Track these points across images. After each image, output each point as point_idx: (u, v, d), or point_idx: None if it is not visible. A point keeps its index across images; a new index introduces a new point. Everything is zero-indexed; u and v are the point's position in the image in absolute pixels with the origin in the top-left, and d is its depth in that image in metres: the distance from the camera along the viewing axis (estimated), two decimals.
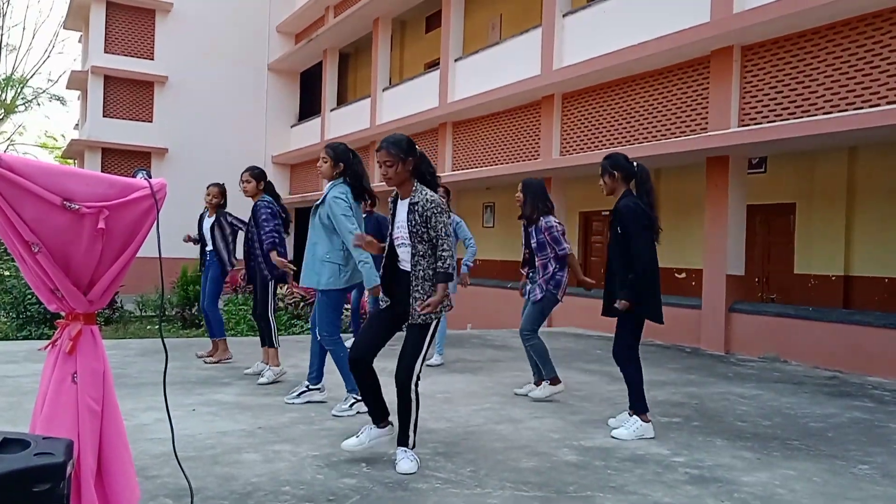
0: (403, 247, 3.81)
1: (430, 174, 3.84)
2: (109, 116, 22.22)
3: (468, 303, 14.32)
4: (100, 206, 2.10)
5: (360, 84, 23.14)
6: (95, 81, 22.06)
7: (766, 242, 11.28)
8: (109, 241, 2.17)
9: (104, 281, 2.21)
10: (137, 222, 2.20)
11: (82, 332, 2.22)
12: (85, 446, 2.13)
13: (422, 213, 3.69)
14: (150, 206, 2.19)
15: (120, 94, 22.43)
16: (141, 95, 22.61)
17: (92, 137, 21.83)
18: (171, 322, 13.78)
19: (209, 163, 22.15)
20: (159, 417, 4.56)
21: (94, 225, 2.11)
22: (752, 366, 8.22)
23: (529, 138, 13.21)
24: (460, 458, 3.98)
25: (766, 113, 8.82)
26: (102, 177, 2.15)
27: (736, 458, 4.18)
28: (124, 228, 2.19)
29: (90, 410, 2.18)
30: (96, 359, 2.23)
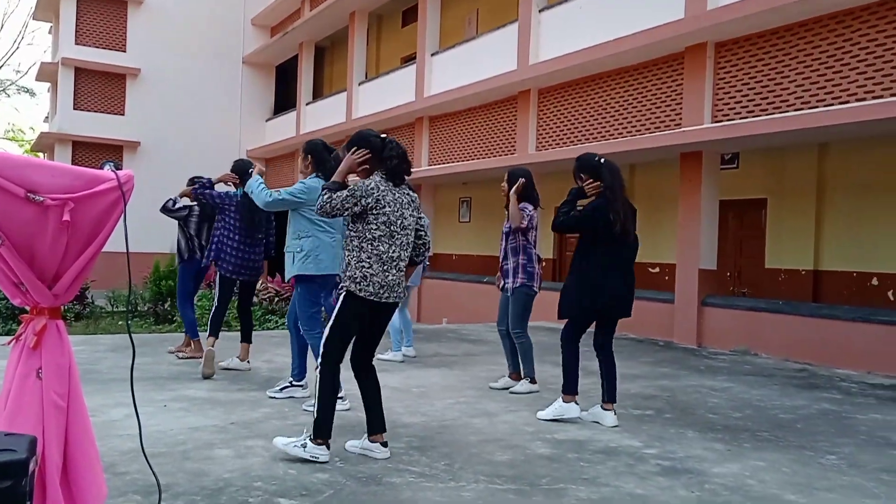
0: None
1: (388, 158, 3.77)
2: (80, 109, 21.86)
3: (444, 297, 14.33)
4: (65, 198, 2.06)
5: (336, 78, 22.99)
6: (66, 73, 21.68)
7: (737, 237, 11.42)
8: (75, 233, 2.12)
9: (70, 275, 2.17)
10: (104, 215, 2.15)
11: (47, 327, 2.17)
12: (50, 443, 2.09)
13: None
14: (117, 198, 2.15)
15: (91, 86, 22.06)
16: (113, 88, 22.26)
17: (62, 130, 21.46)
18: (144, 318, 13.60)
19: (182, 157, 21.90)
20: (129, 413, 4.49)
21: (58, 217, 2.07)
22: (724, 359, 8.32)
23: (506, 133, 13.22)
24: (435, 451, 3.98)
25: (738, 109, 8.91)
26: (68, 168, 2.11)
27: (707, 450, 4.22)
28: (90, 221, 2.14)
29: (55, 406, 2.14)
30: (62, 354, 2.19)
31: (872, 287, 9.70)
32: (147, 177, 20.77)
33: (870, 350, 7.63)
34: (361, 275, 3.65)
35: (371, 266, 3.66)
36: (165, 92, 22.50)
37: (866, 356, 7.64)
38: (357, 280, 3.65)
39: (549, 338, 9.66)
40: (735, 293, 11.18)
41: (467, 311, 13.59)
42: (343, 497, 3.19)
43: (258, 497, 3.15)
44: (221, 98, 23.49)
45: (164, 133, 22.33)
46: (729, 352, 8.94)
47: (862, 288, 9.79)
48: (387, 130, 17.13)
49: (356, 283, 3.65)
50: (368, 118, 16.85)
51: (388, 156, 3.78)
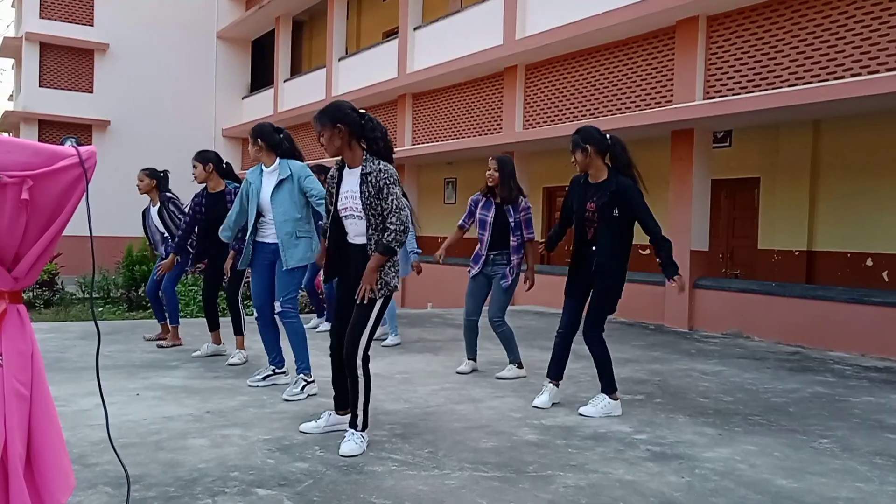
0: (351, 219, 3.77)
1: (375, 139, 3.74)
2: (46, 86, 21.51)
3: (429, 282, 14.31)
4: (23, 176, 2.01)
5: (315, 53, 22.77)
6: (30, 49, 21.31)
7: (730, 217, 11.47)
8: (35, 213, 2.07)
9: (30, 257, 2.12)
10: (65, 193, 2.10)
11: (7, 312, 2.12)
12: (12, 433, 2.05)
13: (375, 184, 3.65)
14: (79, 175, 2.10)
15: (57, 62, 21.70)
16: (80, 64, 21.92)
17: (27, 109, 21.14)
18: (117, 304, 13.50)
19: (154, 136, 21.66)
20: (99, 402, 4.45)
21: (17, 196, 2.01)
22: (716, 342, 8.38)
23: (492, 111, 13.17)
24: (418, 439, 3.98)
25: (731, 85, 8.91)
26: (26, 143, 2.05)
27: (698, 435, 4.26)
28: (51, 200, 2.09)
29: (18, 395, 2.10)
30: (23, 340, 2.15)
31: (867, 268, 9.80)
32: (118, 157, 20.60)
33: (864, 332, 7.71)
34: (397, 266, 3.76)
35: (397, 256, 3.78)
36: (136, 68, 22.18)
37: (860, 338, 7.72)
38: (397, 274, 3.77)
39: (538, 321, 9.70)
40: (727, 275, 11.25)
41: (453, 295, 13.58)
42: (323, 486, 3.19)
43: (234, 487, 3.13)
44: (195, 75, 23.20)
45: (134, 111, 22.04)
46: (721, 335, 9.00)
47: (856, 269, 9.88)
48: (368, 108, 17.05)
49: (398, 276, 3.78)
50: (349, 95, 16.68)
51: (372, 136, 3.74)
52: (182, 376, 5.46)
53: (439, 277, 14.15)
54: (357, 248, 3.80)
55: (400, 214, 3.64)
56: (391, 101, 16.17)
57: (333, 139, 3.71)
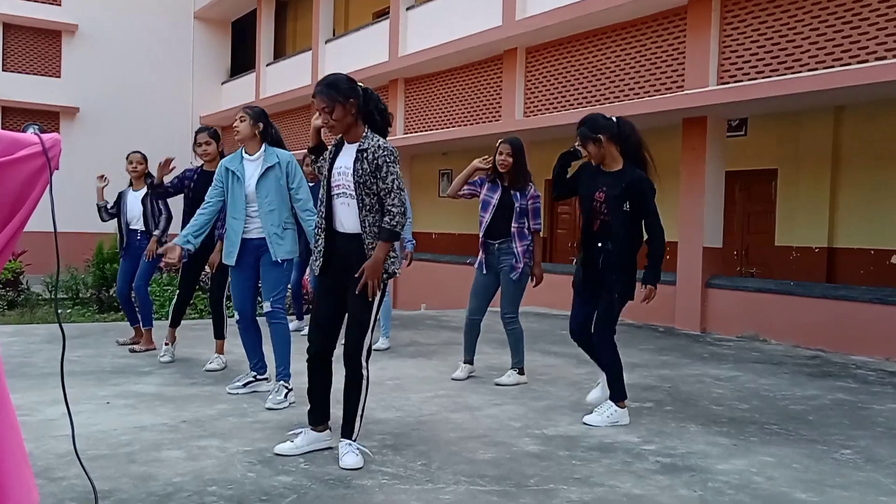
0: (343, 198, 3.70)
1: (378, 112, 3.73)
2: (10, 70, 21.40)
3: (422, 281, 14.31)
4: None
5: (299, 35, 22.70)
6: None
7: (745, 212, 11.49)
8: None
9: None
10: (27, 184, 2.08)
11: None
12: None
13: (371, 161, 3.61)
14: (42, 165, 2.07)
15: (22, 44, 21.59)
16: (47, 47, 21.81)
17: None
18: (86, 305, 13.45)
19: (127, 125, 21.56)
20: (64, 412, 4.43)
21: None
22: (730, 345, 8.40)
23: (490, 97, 13.15)
24: (411, 450, 3.97)
25: (747, 70, 8.91)
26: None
27: (711, 445, 4.25)
28: (12, 192, 2.07)
29: None
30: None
31: (891, 266, 9.81)
32: (88, 147, 20.53)
33: (889, 335, 7.72)
34: (396, 252, 3.73)
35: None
36: (107, 51, 22.08)
37: (885, 341, 7.73)
38: (398, 260, 3.75)
39: (539, 323, 9.69)
40: (742, 273, 11.27)
41: (448, 295, 13.57)
42: (308, 502, 3.17)
43: (212, 503, 3.11)
44: (171, 58, 23.11)
45: (105, 98, 21.93)
46: (735, 338, 9.02)
47: (881, 267, 9.90)
48: None
49: (399, 263, 3.76)
50: None
51: (380, 108, 3.74)
52: (156, 383, 5.44)
53: (434, 277, 14.14)
54: (343, 238, 3.73)
55: (400, 195, 3.61)
56: (382, 87, 16.12)
57: (346, 115, 3.65)
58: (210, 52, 23.90)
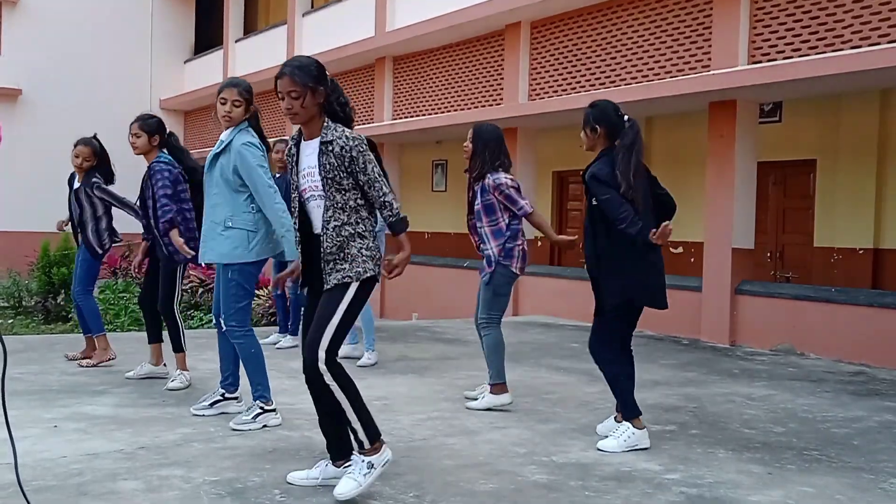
0: (314, 201, 3.72)
1: (340, 105, 3.77)
2: None
3: (413, 287, 14.29)
4: None
5: (273, 7, 22.68)
6: None
7: (780, 208, 11.50)
8: None
9: None
10: None
11: None
12: None
13: (340, 154, 3.61)
14: None
15: None
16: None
17: None
18: (30, 315, 13.43)
19: (77, 109, 21.45)
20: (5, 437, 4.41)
21: None
22: (763, 360, 8.40)
23: (490, 78, 13.15)
24: (401, 480, 3.96)
25: (781, 47, 8.92)
26: None
27: (742, 474, 4.25)
28: None
29: None
30: None
31: None
32: (32, 134, 20.46)
33: None
34: (378, 252, 3.76)
35: (375, 239, 3.83)
36: (54, 25, 22.00)
37: None
38: (377, 259, 3.74)
39: (546, 335, 9.70)
40: (777, 278, 11.28)
41: (442, 303, 13.55)
42: None
43: None
44: (127, 33, 23.06)
45: (52, 78, 21.84)
46: (769, 351, 9.02)
47: None
48: (339, 74, 17.01)
49: (376, 262, 3.73)
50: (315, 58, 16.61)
51: (343, 101, 3.77)
52: (110, 403, 5.41)
53: (425, 283, 14.13)
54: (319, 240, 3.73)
55: (385, 182, 3.69)
56: (367, 66, 16.11)
57: (313, 104, 3.66)
58: (171, 25, 23.85)
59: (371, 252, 3.70)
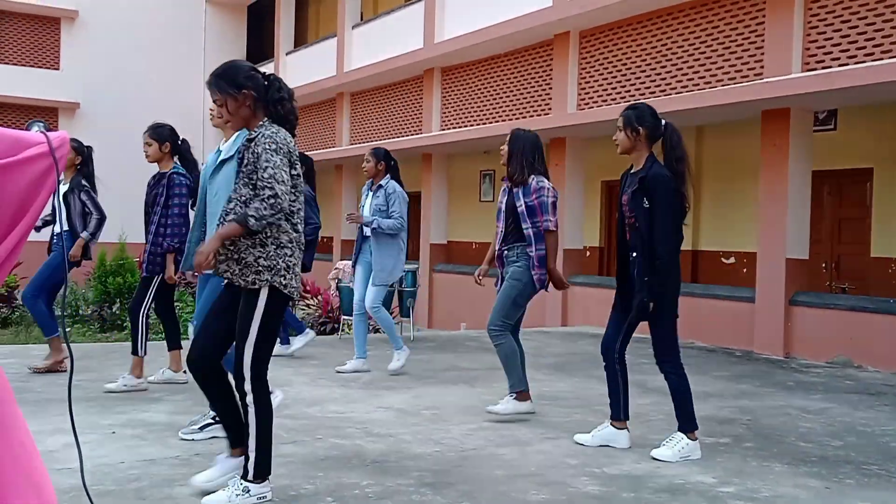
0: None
1: (273, 102, 3.69)
2: (5, 62, 21.98)
3: (461, 297, 14.31)
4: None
5: (323, 20, 22.94)
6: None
7: (835, 218, 11.29)
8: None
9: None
10: (32, 188, 2.12)
11: None
12: None
13: (254, 151, 3.60)
14: (49, 166, 2.12)
15: (16, 33, 22.18)
16: (44, 35, 22.37)
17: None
18: (87, 323, 13.69)
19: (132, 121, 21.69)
20: (69, 442, 4.51)
21: None
22: (819, 372, 8.27)
23: (539, 88, 13.14)
24: (452, 489, 3.96)
25: (836, 53, 8.79)
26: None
27: (799, 488, 4.19)
28: (15, 196, 2.12)
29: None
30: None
31: None
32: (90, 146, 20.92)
33: None
34: (285, 264, 3.60)
35: (293, 253, 3.66)
36: (110, 40, 22.54)
37: None
38: (281, 272, 3.58)
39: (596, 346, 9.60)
40: (832, 289, 11.08)
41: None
42: None
43: None
44: (181, 47, 23.52)
45: (109, 92, 22.37)
46: (825, 364, 8.87)
47: None
48: (388, 85, 17.14)
49: (281, 275, 3.58)
50: (364, 70, 16.80)
51: (279, 98, 3.70)
52: (166, 410, 5.50)
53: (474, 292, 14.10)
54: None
55: (275, 186, 3.50)
56: (416, 77, 16.21)
57: (241, 108, 3.67)
58: (224, 39, 24.26)
59: (285, 258, 3.60)
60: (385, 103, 17.59)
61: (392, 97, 17.21)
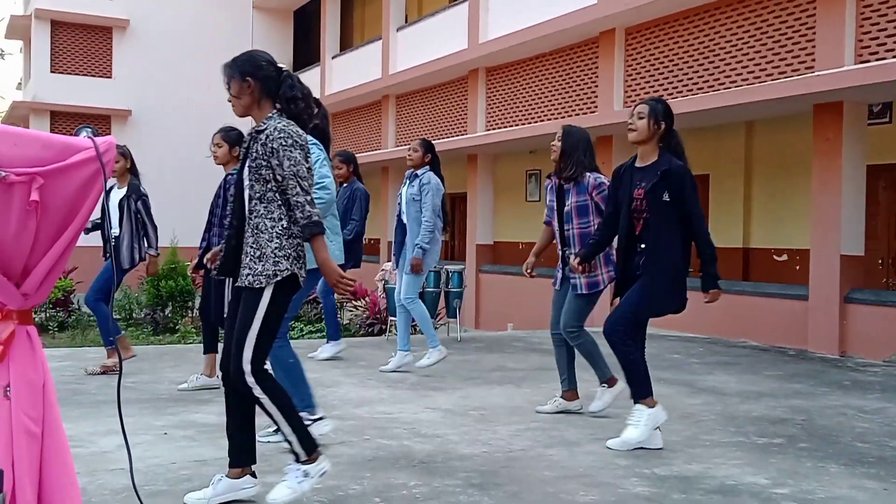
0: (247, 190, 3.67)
1: (285, 100, 3.67)
2: (59, 72, 22.50)
3: (508, 298, 14.28)
4: (32, 173, 2.08)
5: (368, 23, 23.10)
6: (41, 28, 22.33)
7: (892, 212, 11.06)
8: (46, 217, 2.14)
9: (41, 268, 2.19)
10: (80, 192, 2.17)
11: (16, 335, 2.20)
12: (21, 476, 2.12)
13: (266, 144, 3.53)
14: (96, 171, 2.16)
15: (71, 43, 22.70)
16: (97, 45, 22.87)
17: (38, 98, 22.14)
18: (140, 326, 13.94)
19: (182, 127, 22.32)
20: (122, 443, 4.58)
21: (25, 197, 2.08)
22: (876, 371, 8.10)
23: (584, 86, 13.07)
24: (500, 490, 3.95)
25: (890, 45, 8.61)
26: (34, 135, 2.13)
27: (856, 489, 4.09)
28: (64, 201, 2.16)
29: (27, 432, 2.17)
30: (34, 368, 2.22)
31: None
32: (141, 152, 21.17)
33: None
34: (295, 253, 3.56)
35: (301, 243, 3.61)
36: (160, 48, 22.96)
37: None
38: (293, 258, 3.54)
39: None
40: (889, 286, 10.85)
41: (538, 313, 13.47)
42: None
43: None
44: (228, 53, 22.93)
45: (159, 99, 22.79)
46: (882, 362, 8.68)
47: None
48: (433, 87, 17.18)
49: (295, 261, 3.55)
50: (410, 72, 16.86)
51: (291, 96, 3.68)
52: (217, 412, 5.55)
53: (521, 292, 14.10)
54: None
55: (299, 183, 3.48)
56: (461, 78, 16.23)
57: (242, 95, 3.70)
58: (271, 44, 24.51)
59: (287, 251, 3.53)
60: (430, 105, 17.64)
61: (437, 98, 17.25)
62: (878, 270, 10.98)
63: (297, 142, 3.53)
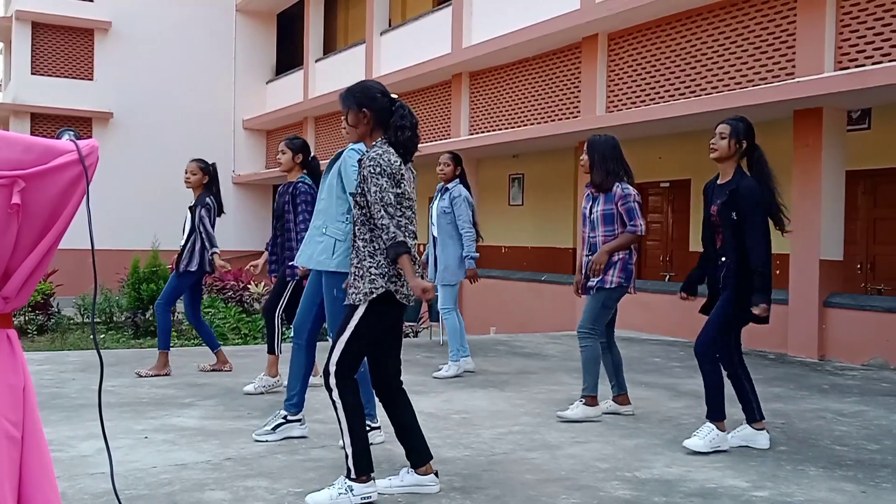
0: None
1: (395, 129, 3.85)
2: (39, 73, 22.33)
3: (490, 301, 14.30)
4: (13, 176, 2.07)
5: (352, 27, 23.06)
6: (21, 29, 22.16)
7: (870, 218, 11.16)
8: (27, 220, 2.13)
9: (22, 272, 2.18)
10: (62, 196, 2.16)
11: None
12: (1, 481, 2.10)
13: (360, 171, 3.82)
14: (78, 174, 2.15)
15: (52, 45, 22.53)
16: (78, 47, 22.71)
17: (18, 100, 21.96)
18: (120, 329, 13.87)
19: (164, 130, 22.20)
20: (102, 447, 4.56)
21: (6, 200, 2.07)
22: (854, 375, 8.16)
23: (567, 91, 13.10)
24: (482, 493, 3.96)
25: (869, 52, 8.68)
26: (15, 137, 2.11)
27: (835, 492, 4.13)
28: (46, 204, 2.15)
29: (7, 437, 2.15)
30: (14, 372, 2.21)
31: None
32: (122, 156, 21.21)
33: None
34: (391, 272, 3.77)
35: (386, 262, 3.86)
36: (142, 50, 22.84)
37: None
38: (392, 278, 3.76)
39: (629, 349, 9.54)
40: (868, 290, 10.94)
41: (520, 317, 13.52)
42: None
43: None
44: (211, 56, 23.77)
45: (141, 101, 22.66)
46: (860, 366, 8.75)
47: None
48: (417, 91, 17.18)
49: (393, 281, 3.76)
50: (394, 75, 16.84)
51: (400, 125, 3.85)
52: (197, 416, 5.55)
53: (504, 296, 14.12)
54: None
55: (384, 208, 3.70)
56: (444, 83, 16.24)
57: (358, 125, 3.90)
58: (254, 48, 24.49)
59: (364, 272, 3.78)
60: (414, 108, 17.36)
61: (420, 102, 17.25)
62: (856, 275, 11.08)
63: (386, 170, 3.73)
